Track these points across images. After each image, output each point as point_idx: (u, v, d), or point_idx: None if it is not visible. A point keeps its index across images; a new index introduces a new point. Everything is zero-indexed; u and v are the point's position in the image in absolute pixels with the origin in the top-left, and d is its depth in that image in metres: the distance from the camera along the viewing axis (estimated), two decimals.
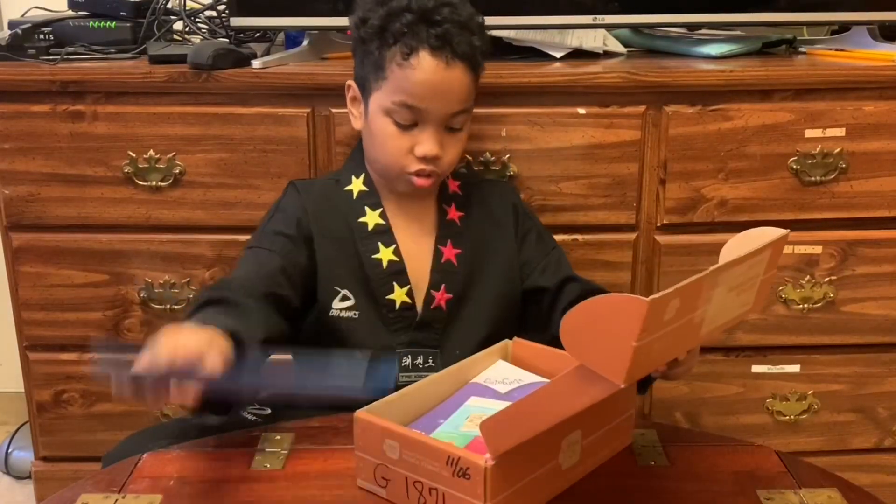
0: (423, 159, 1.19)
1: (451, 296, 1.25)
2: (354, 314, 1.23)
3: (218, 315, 1.00)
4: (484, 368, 1.11)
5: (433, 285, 1.24)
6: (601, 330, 0.74)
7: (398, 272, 1.23)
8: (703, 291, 0.79)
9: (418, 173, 1.20)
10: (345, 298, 1.23)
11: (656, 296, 0.71)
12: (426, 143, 1.19)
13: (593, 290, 1.24)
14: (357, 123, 1.26)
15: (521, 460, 0.88)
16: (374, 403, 0.97)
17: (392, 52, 1.16)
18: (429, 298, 1.24)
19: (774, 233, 0.89)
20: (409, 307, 1.24)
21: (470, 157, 1.45)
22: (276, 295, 1.17)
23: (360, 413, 0.95)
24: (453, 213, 1.28)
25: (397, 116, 1.18)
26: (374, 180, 1.27)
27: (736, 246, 0.91)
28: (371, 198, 1.26)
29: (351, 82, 1.25)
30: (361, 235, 1.24)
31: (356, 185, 1.27)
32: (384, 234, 1.24)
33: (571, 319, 0.76)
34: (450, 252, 1.26)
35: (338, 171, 1.33)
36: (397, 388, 1.04)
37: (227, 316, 1.00)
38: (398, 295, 1.23)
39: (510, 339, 1.15)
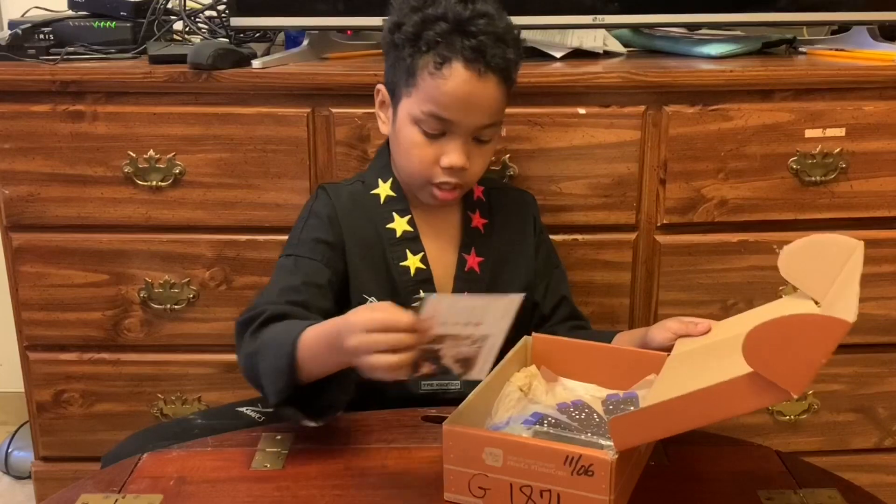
0: (449, 170, 1.17)
1: None
2: None
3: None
4: (516, 369, 1.12)
5: (456, 293, 1.24)
6: (791, 345, 0.77)
7: (425, 280, 1.23)
8: None
9: (441, 185, 1.18)
10: None
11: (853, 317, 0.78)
12: (452, 153, 1.16)
13: (578, 323, 1.32)
14: (385, 128, 1.24)
15: (625, 453, 0.89)
16: (453, 415, 0.96)
17: (424, 61, 1.14)
18: None
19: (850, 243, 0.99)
20: None
21: None
22: (324, 310, 1.15)
23: (450, 426, 0.93)
24: (477, 221, 1.27)
25: (425, 126, 1.16)
26: (401, 186, 1.25)
27: (800, 252, 1.01)
28: (399, 204, 1.24)
29: (381, 86, 1.22)
30: (389, 242, 1.23)
31: (383, 190, 1.25)
32: (412, 241, 1.23)
33: (758, 333, 0.78)
34: (473, 260, 1.25)
35: (362, 174, 1.31)
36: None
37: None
38: None
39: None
